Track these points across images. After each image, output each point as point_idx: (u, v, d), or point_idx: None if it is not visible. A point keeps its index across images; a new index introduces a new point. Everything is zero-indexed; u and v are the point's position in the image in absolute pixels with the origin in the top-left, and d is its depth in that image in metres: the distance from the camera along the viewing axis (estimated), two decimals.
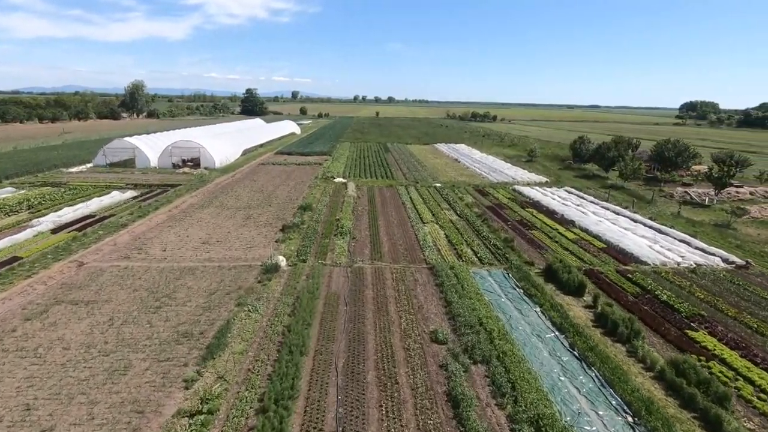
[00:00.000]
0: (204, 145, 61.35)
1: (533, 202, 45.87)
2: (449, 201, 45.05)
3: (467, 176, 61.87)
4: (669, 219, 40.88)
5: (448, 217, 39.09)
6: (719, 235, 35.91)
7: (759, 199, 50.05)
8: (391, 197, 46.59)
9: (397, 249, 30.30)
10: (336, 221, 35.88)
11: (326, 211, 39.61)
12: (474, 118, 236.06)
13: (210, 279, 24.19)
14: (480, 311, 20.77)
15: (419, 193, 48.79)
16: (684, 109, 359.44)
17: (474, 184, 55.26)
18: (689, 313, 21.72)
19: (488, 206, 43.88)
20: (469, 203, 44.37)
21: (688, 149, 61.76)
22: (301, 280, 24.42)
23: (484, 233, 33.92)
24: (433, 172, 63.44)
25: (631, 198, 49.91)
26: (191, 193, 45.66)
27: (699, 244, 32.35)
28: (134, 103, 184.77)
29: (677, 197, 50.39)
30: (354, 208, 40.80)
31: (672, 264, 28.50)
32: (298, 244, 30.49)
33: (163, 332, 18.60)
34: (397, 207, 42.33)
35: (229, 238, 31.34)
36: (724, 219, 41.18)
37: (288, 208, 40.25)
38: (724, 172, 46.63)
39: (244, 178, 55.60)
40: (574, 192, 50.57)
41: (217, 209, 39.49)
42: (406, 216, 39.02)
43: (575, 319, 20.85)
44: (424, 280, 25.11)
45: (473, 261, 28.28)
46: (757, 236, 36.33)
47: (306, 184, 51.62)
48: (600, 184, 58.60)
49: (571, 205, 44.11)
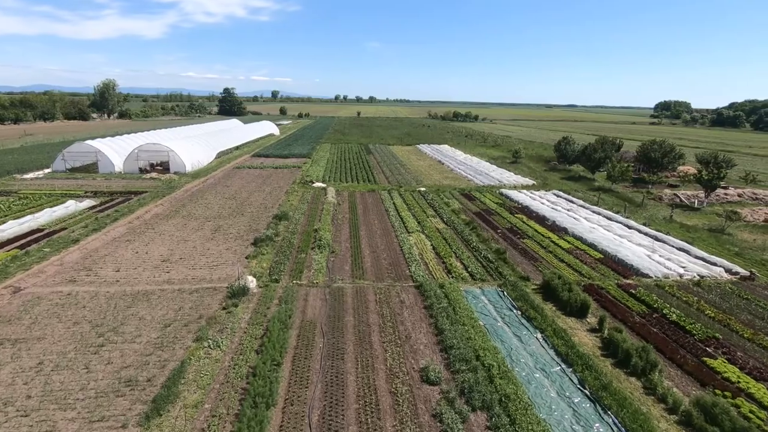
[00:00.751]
0: (173, 148, 57.52)
1: (522, 207, 43.87)
2: (435, 207, 42.66)
3: (452, 179, 59.69)
4: (662, 224, 39.39)
5: (435, 225, 36.66)
6: (716, 242, 34.44)
7: (747, 201, 49.24)
8: (373, 203, 43.93)
9: (380, 264, 27.67)
10: (314, 232, 33.04)
11: (304, 220, 36.71)
12: (456, 117, 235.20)
13: (167, 306, 21.10)
14: (475, 341, 18.32)
15: (403, 198, 46.27)
16: (658, 108, 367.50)
17: (459, 188, 53.07)
18: (703, 335, 19.74)
19: (476, 212, 41.65)
20: (456, 209, 42.07)
21: (673, 150, 60.92)
22: (273, 305, 21.55)
23: (473, 243, 31.59)
24: (417, 175, 61.07)
25: (621, 201, 48.48)
26: (156, 201, 42.08)
27: (698, 252, 30.71)
28: (105, 104, 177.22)
29: (666, 200, 49.19)
30: (334, 217, 38.01)
31: (674, 276, 26.66)
32: (272, 260, 27.57)
33: (102, 379, 15.53)
34: (379, 214, 39.71)
35: (194, 255, 28.16)
36: (718, 223, 39.91)
37: (262, 218, 37.18)
38: (714, 175, 45.55)
39: (216, 183, 52.12)
40: (563, 196, 48.84)
41: (183, 220, 36.14)
42: (389, 225, 36.43)
43: (581, 346, 18.60)
44: (411, 302, 22.54)
45: (464, 277, 25.85)
46: (754, 242, 35.01)
47: (283, 190, 48.52)
48: (587, 186, 57.19)
49: (561, 210, 42.26)
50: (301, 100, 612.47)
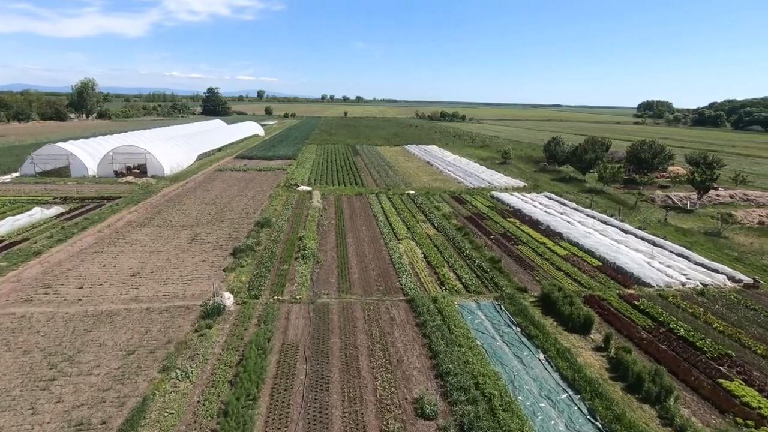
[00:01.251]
0: (151, 150, 54.90)
1: (514, 210, 42.55)
2: (425, 211, 41.06)
3: (441, 181, 58.22)
4: (657, 227, 38.42)
5: (425, 231, 35.05)
6: (714, 246, 33.50)
7: (739, 203, 48.76)
8: (360, 208, 42.14)
9: (368, 275, 25.92)
10: (298, 240, 31.14)
11: (287, 227, 34.76)
12: (443, 117, 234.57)
13: (133, 329, 19.05)
14: (474, 364, 16.70)
15: (392, 202, 44.59)
16: (641, 108, 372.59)
17: (449, 191, 51.59)
18: (714, 353, 18.45)
19: (467, 217, 40.17)
20: (447, 213, 40.54)
21: (663, 151, 60.43)
22: (251, 325, 19.64)
23: (466, 251, 30.05)
24: (406, 177, 59.45)
25: (613, 203, 47.53)
26: (131, 207, 39.65)
27: (698, 258, 29.64)
28: (83, 104, 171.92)
29: (659, 201, 48.42)
30: (319, 223, 36.13)
31: (677, 285, 25.46)
32: (252, 272, 25.60)
33: (50, 423, 13.50)
34: (367, 220, 37.95)
35: (167, 267, 26.04)
36: (713, 226, 39.10)
37: (243, 225, 35.11)
38: (707, 176, 44.86)
39: (196, 187, 49.75)
40: (555, 198, 47.70)
41: (158, 228, 33.89)
42: (378, 231, 34.69)
43: (588, 368, 17.13)
44: (402, 319, 20.85)
45: (458, 289, 24.25)
46: (751, 246, 34.19)
47: (266, 194, 46.42)
48: (578, 187, 56.26)
49: (554, 213, 41.04)
50: (287, 100, 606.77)
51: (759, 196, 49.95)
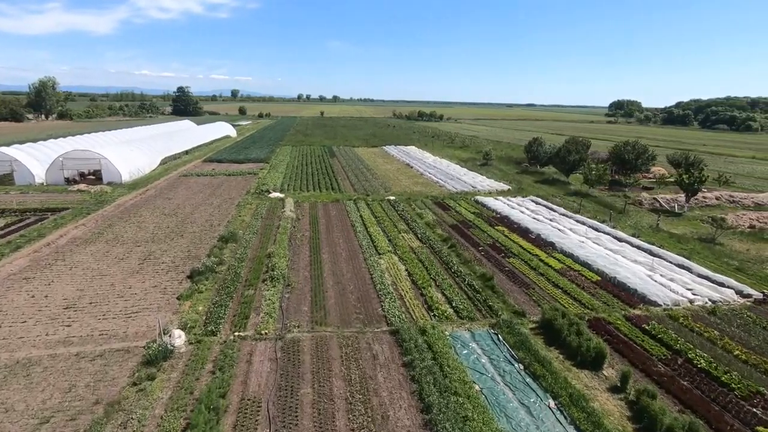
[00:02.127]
0: (107, 154, 50.20)
1: (501, 217, 40.11)
2: (407, 220, 38.15)
3: (422, 185, 55.50)
4: (649, 233, 36.63)
5: (408, 243, 32.14)
6: (712, 255, 31.77)
7: (726, 205, 47.78)
8: (337, 217, 38.91)
9: (347, 300, 22.80)
10: (267, 258, 27.74)
11: (256, 241, 31.27)
12: (421, 117, 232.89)
13: (54, 384, 15.41)
14: (474, 421, 13.82)
15: (371, 209, 41.52)
16: (613, 107, 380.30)
17: (432, 196, 48.89)
18: (744, 390, 16.15)
19: (452, 225, 37.47)
20: (430, 222, 37.74)
21: (646, 151, 59.37)
22: (204, 373, 16.25)
23: (454, 266, 27.27)
24: (385, 181, 56.48)
25: (601, 207, 45.78)
26: (78, 220, 35.33)
27: (700, 269, 27.69)
28: (42, 103, 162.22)
29: (647, 204, 46.97)
30: (292, 236, 32.75)
31: (685, 303, 23.29)
32: (211, 300, 22.12)
33: None
34: (345, 231, 34.77)
35: (110, 297, 22.27)
36: (706, 231, 37.59)
37: (205, 240, 31.42)
38: (695, 179, 43.56)
39: (157, 195, 45.47)
40: (542, 203, 45.59)
41: (107, 246, 29.86)
42: (356, 244, 31.58)
43: (606, 417, 14.51)
44: (387, 357, 17.83)
45: (448, 315, 21.39)
46: (748, 252, 32.66)
47: (234, 203, 42.62)
48: (563, 190, 54.50)
49: (543, 219, 38.81)
50: (262, 100, 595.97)
51: (744, 198, 49.16)
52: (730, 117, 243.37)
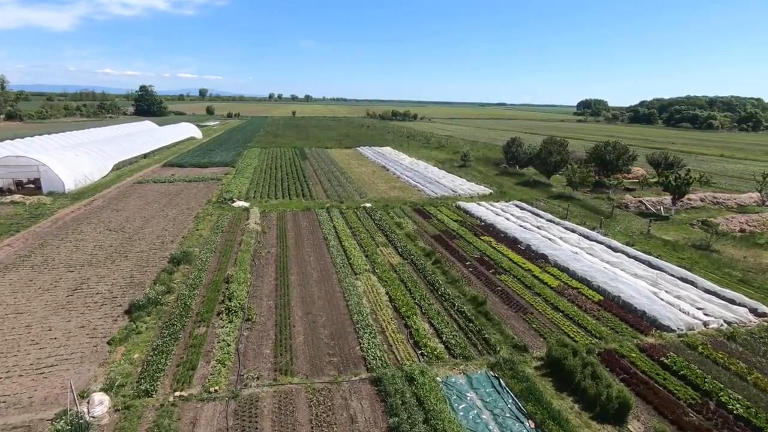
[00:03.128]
0: (46, 161, 44.67)
1: (486, 225, 37.29)
2: (385, 230, 34.81)
3: (400, 189, 52.29)
4: (642, 241, 34.55)
5: (388, 259, 28.81)
6: (711, 264, 29.79)
7: (710, 206, 46.65)
8: (308, 228, 35.17)
9: (318, 336, 19.23)
10: (225, 283, 23.85)
11: (213, 261, 27.26)
12: (395, 116, 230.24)
13: None
14: None
15: (345, 218, 37.96)
16: (581, 106, 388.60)
17: (410, 202, 45.70)
18: None
19: (435, 236, 34.36)
20: (411, 232, 34.53)
21: (627, 151, 58.09)
22: None
23: (441, 287, 24.10)
24: (360, 186, 52.97)
25: (587, 211, 43.74)
26: (3, 240, 30.31)
27: (705, 283, 25.48)
28: None
29: (633, 207, 45.23)
30: (256, 253, 28.87)
31: (699, 326, 20.84)
32: (150, 344, 18.12)
33: None
34: (317, 245, 31.11)
35: (21, 343, 17.95)
36: (699, 237, 35.85)
37: (154, 261, 27.17)
38: (683, 181, 42.02)
39: (104, 206, 40.48)
40: (527, 208, 43.10)
41: (32, 272, 25.22)
42: (330, 262, 28.01)
43: None
44: (368, 418, 14.40)
45: (438, 353, 18.11)
46: (745, 260, 30.90)
47: (192, 214, 38.23)
48: (546, 193, 52.38)
49: (531, 227, 36.23)
50: (232, 99, 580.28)
51: (727, 199, 48.22)
52: (693, 115, 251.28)
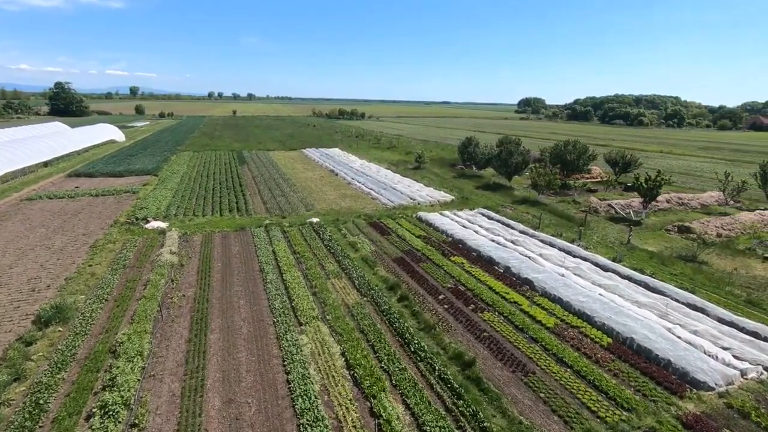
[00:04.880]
0: None
1: (454, 241, 32.22)
2: (337, 253, 28.69)
3: (352, 198, 46.24)
4: (626, 254, 30.96)
5: (342, 296, 22.77)
6: (709, 282, 26.44)
7: (676, 208, 44.75)
8: (241, 256, 28.29)
9: None
10: (109, 355, 16.72)
11: (102, 317, 19.86)
12: (342, 115, 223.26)
13: None
14: None
15: (289, 239, 31.42)
16: (521, 104, 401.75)
17: (365, 214, 39.80)
18: None
19: (397, 258, 28.71)
20: (368, 255, 28.68)
21: (587, 151, 55.82)
22: None
23: (414, 340, 18.46)
24: (306, 195, 46.33)
25: (557, 218, 40.08)
26: None
27: (718, 311, 21.72)
28: None
29: (602, 212, 42.22)
30: (164, 299, 21.74)
31: (737, 377, 16.67)
32: None
33: None
34: (250, 281, 24.41)
35: None
36: (680, 246, 32.92)
37: (9, 323, 19.29)
38: (655, 183, 39.40)
39: None
40: (495, 217, 38.62)
41: None
42: (266, 306, 21.52)
43: None
44: None
45: None
46: (738, 273, 27.98)
47: (89, 242, 30.01)
48: (510, 197, 48.53)
49: (504, 242, 31.58)
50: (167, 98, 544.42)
51: (690, 199, 46.70)
52: (625, 113, 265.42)
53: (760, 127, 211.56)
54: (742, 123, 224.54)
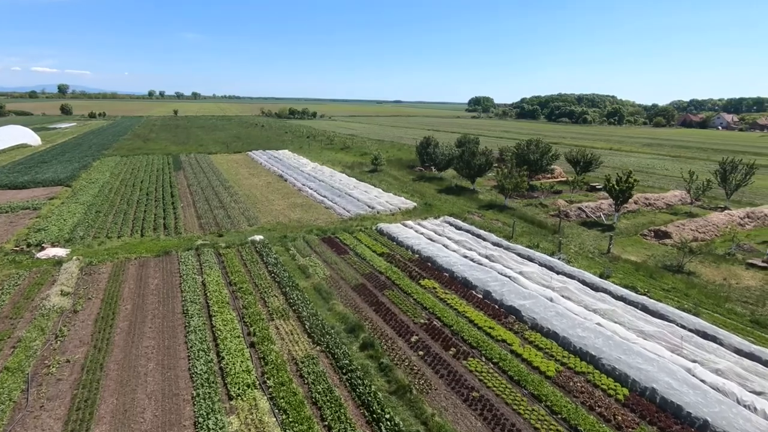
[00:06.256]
0: None
1: (422, 259, 27.91)
2: (283, 283, 23.50)
3: (302, 208, 40.92)
4: (610, 265, 28.03)
5: (288, 347, 17.73)
6: (707, 299, 23.71)
7: (644, 209, 43.14)
8: (160, 293, 22.41)
9: None
10: None
11: None
12: (293, 115, 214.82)
13: None
14: None
15: (224, 265, 25.83)
16: (472, 103, 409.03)
17: (317, 227, 34.70)
18: None
19: (357, 286, 23.93)
20: (322, 284, 23.73)
21: (550, 150, 53.69)
22: None
23: (384, 414, 13.83)
24: (250, 206, 40.47)
25: (529, 225, 36.93)
26: None
27: (734, 340, 18.65)
28: None
29: (573, 216, 39.64)
30: (33, 373, 15.73)
31: None
32: None
33: None
34: (167, 332, 18.77)
35: None
36: (662, 253, 30.54)
37: None
38: (627, 184, 37.17)
39: None
40: (464, 227, 34.79)
41: None
42: (185, 370, 16.06)
43: None
44: None
45: None
46: (728, 285, 25.66)
47: None
48: (475, 202, 45.11)
49: (478, 257, 27.67)
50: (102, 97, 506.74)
51: (657, 199, 45.41)
52: (570, 111, 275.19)
53: (689, 124, 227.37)
54: (674, 120, 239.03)
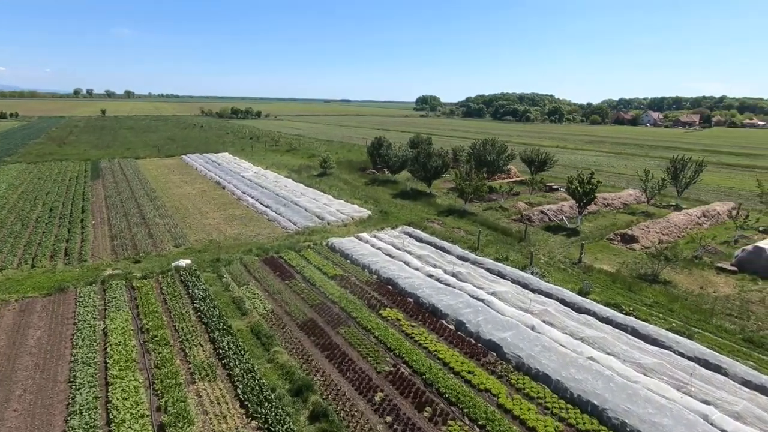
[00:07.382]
0: None
1: (381, 282, 24.12)
2: (212, 324, 18.79)
3: (241, 220, 35.86)
4: (585, 277, 25.75)
5: (212, 424, 13.25)
6: (691, 313, 21.72)
7: (604, 210, 42.08)
8: (41, 352, 16.96)
9: None
10: None
11: None
12: (235, 114, 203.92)
13: None
14: None
15: (138, 302, 20.61)
16: (419, 102, 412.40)
17: (258, 245, 29.90)
18: None
19: (305, 323, 19.68)
20: (261, 323, 19.28)
21: (506, 150, 51.92)
22: None
23: None
24: (178, 221, 34.82)
25: (494, 232, 34.30)
26: None
27: (739, 369, 16.42)
28: None
29: (537, 220, 37.56)
30: None
31: None
32: None
33: None
34: (39, 415, 13.60)
35: None
36: (632, 260, 28.78)
37: None
38: (590, 187, 35.53)
39: None
40: (426, 238, 31.40)
41: None
42: None
43: None
44: None
45: None
46: (706, 293, 24.13)
47: None
48: (433, 207, 42.05)
49: (445, 276, 24.34)
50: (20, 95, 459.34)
51: (614, 199, 44.65)
52: (513, 110, 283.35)
53: (621, 121, 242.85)
54: (608, 118, 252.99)
